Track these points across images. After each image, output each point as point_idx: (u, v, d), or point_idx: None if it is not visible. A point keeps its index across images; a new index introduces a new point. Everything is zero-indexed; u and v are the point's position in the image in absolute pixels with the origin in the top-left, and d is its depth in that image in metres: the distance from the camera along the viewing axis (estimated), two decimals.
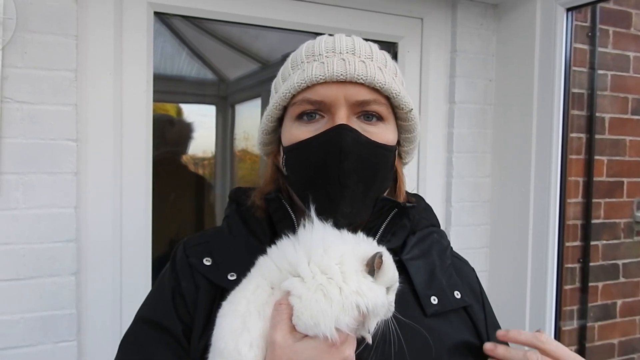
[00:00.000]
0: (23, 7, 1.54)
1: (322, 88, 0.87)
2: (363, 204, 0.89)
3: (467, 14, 2.19)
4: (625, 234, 2.86)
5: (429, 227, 1.04)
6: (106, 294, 1.71)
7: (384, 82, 0.88)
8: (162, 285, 0.96)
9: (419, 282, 0.93)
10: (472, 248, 2.23)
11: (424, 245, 1.00)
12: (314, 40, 0.94)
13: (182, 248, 0.97)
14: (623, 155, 2.81)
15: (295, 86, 0.88)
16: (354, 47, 0.91)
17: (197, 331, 0.88)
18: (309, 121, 0.89)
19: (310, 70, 0.87)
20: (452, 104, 2.20)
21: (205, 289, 0.91)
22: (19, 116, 1.55)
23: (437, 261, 1.00)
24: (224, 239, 0.97)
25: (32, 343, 1.59)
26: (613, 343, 2.89)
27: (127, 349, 0.92)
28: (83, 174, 1.67)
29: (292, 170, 0.92)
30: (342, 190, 0.86)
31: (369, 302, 0.74)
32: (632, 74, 2.80)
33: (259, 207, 0.96)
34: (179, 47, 2.13)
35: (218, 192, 2.40)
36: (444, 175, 2.23)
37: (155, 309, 0.94)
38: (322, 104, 0.88)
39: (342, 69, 0.86)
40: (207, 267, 0.92)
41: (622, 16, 2.79)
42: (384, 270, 0.78)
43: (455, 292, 0.98)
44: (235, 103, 2.42)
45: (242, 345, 0.75)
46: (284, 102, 0.90)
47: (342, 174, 0.85)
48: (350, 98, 0.87)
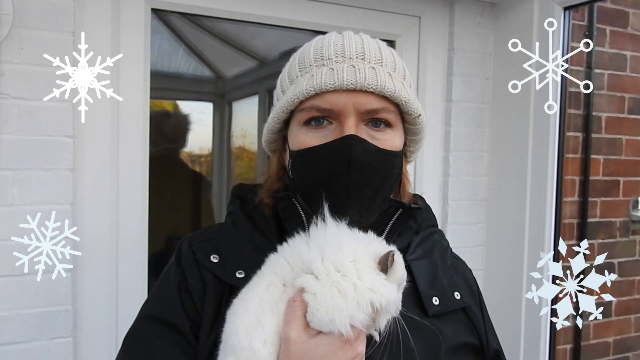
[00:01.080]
0: (20, 3, 1.53)
1: (331, 96, 0.86)
2: (371, 210, 0.90)
3: (465, 13, 2.19)
4: (621, 233, 2.88)
5: (430, 228, 1.05)
6: (102, 291, 1.71)
7: (393, 90, 0.87)
8: (167, 281, 0.95)
9: (422, 283, 0.94)
10: (469, 246, 2.23)
11: (426, 246, 1.00)
12: (323, 40, 0.93)
13: (187, 244, 0.97)
14: (619, 155, 2.82)
15: (304, 92, 0.87)
16: (363, 50, 0.90)
17: (206, 327, 0.88)
18: (317, 127, 0.89)
19: (319, 77, 0.87)
20: (449, 102, 2.20)
21: (213, 285, 0.90)
22: (16, 112, 1.55)
23: (439, 261, 1.01)
24: (229, 235, 0.97)
25: (27, 339, 1.58)
26: (608, 341, 2.90)
27: (131, 346, 0.92)
28: (80, 170, 1.66)
29: (299, 174, 0.92)
30: (352, 200, 0.86)
31: (382, 299, 0.75)
32: (628, 73, 2.80)
33: (266, 205, 0.96)
34: (176, 44, 2.13)
35: (215, 190, 2.40)
36: (441, 174, 2.23)
37: (160, 306, 0.93)
38: (331, 111, 0.87)
39: (352, 77, 0.85)
40: (214, 264, 0.92)
41: (619, 15, 2.80)
42: (395, 269, 0.79)
43: (456, 293, 0.98)
44: (233, 100, 2.42)
45: (256, 341, 0.75)
46: (291, 106, 0.90)
47: (351, 183, 0.85)
48: (359, 107, 0.87)
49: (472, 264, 1.14)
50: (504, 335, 1.11)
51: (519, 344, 2.07)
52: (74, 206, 1.64)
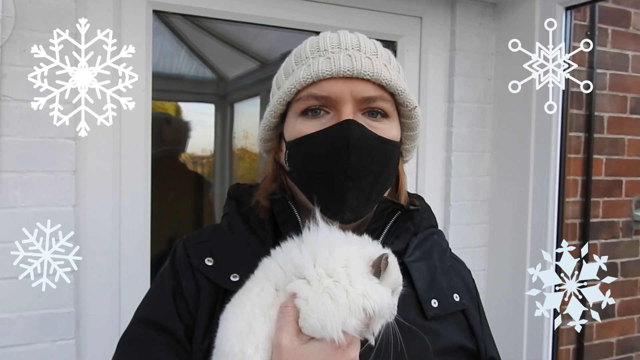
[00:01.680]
0: (22, 5, 1.53)
1: (328, 84, 0.86)
2: (369, 198, 0.89)
3: (466, 13, 2.19)
4: (624, 233, 2.87)
5: (429, 229, 1.04)
6: (105, 292, 1.71)
7: (389, 79, 0.87)
8: (162, 284, 0.94)
9: (420, 285, 0.93)
10: (471, 247, 2.23)
11: (425, 247, 0.99)
12: (318, 37, 0.93)
13: (182, 247, 0.96)
14: (622, 154, 2.82)
15: (300, 81, 0.87)
16: (359, 43, 0.90)
17: (200, 331, 0.87)
18: (314, 117, 0.88)
19: (316, 66, 0.87)
20: (451, 102, 2.20)
21: (207, 289, 0.90)
22: (18, 114, 1.55)
23: (438, 263, 1.00)
24: (224, 237, 0.96)
25: (30, 341, 1.59)
26: (611, 342, 2.90)
27: (125, 349, 0.91)
28: (82, 172, 1.67)
29: (295, 165, 0.91)
30: (350, 184, 0.85)
31: (375, 305, 0.74)
32: (630, 73, 2.80)
33: (263, 208, 0.95)
34: (178, 45, 2.13)
35: (217, 191, 2.40)
36: (443, 174, 2.23)
37: (154, 309, 0.92)
38: (327, 99, 0.87)
39: (349, 64, 0.86)
40: (209, 267, 0.91)
41: (621, 15, 2.79)
42: (389, 272, 0.78)
43: (455, 295, 0.98)
44: (235, 102, 2.42)
45: (247, 347, 0.75)
46: (288, 97, 0.89)
47: (349, 167, 0.85)
48: (356, 94, 0.87)
49: (474, 265, 1.14)
50: (506, 336, 1.11)
51: (522, 345, 2.06)
52: (76, 208, 1.65)
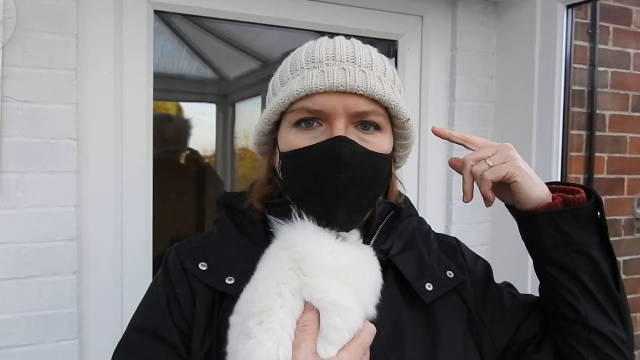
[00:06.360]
0: (23, 6, 1.54)
1: (321, 97, 0.86)
2: (358, 211, 0.90)
3: (467, 12, 2.19)
4: (626, 231, 2.87)
5: (407, 218, 1.05)
6: (107, 293, 1.71)
7: (383, 94, 0.87)
8: (155, 292, 0.94)
9: (409, 273, 0.95)
10: (473, 246, 2.19)
11: (405, 237, 1.01)
12: (314, 44, 0.93)
13: (174, 254, 0.96)
14: (623, 152, 2.81)
15: (294, 94, 0.87)
16: (354, 54, 0.90)
17: (198, 337, 0.87)
18: (307, 128, 0.89)
19: (310, 79, 0.87)
20: (452, 101, 2.20)
21: (203, 293, 0.90)
22: (19, 115, 1.55)
23: (423, 248, 1.01)
24: (217, 242, 0.96)
25: (33, 342, 1.59)
26: None
27: (121, 358, 0.91)
28: (83, 172, 1.67)
29: (288, 176, 0.91)
30: (340, 201, 0.86)
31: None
32: (632, 71, 2.79)
33: (256, 210, 0.96)
34: (179, 45, 2.13)
35: (219, 191, 2.40)
36: (445, 173, 2.23)
37: (149, 317, 0.92)
38: (320, 113, 0.87)
39: (343, 79, 0.86)
40: (203, 271, 0.91)
41: (622, 13, 2.79)
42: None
43: (448, 272, 0.99)
44: (236, 101, 2.42)
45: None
46: (282, 107, 0.90)
47: (340, 184, 0.85)
48: (349, 109, 0.87)
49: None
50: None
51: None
52: (78, 208, 1.65)
